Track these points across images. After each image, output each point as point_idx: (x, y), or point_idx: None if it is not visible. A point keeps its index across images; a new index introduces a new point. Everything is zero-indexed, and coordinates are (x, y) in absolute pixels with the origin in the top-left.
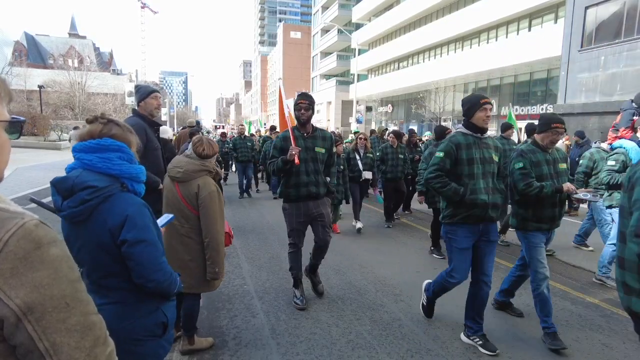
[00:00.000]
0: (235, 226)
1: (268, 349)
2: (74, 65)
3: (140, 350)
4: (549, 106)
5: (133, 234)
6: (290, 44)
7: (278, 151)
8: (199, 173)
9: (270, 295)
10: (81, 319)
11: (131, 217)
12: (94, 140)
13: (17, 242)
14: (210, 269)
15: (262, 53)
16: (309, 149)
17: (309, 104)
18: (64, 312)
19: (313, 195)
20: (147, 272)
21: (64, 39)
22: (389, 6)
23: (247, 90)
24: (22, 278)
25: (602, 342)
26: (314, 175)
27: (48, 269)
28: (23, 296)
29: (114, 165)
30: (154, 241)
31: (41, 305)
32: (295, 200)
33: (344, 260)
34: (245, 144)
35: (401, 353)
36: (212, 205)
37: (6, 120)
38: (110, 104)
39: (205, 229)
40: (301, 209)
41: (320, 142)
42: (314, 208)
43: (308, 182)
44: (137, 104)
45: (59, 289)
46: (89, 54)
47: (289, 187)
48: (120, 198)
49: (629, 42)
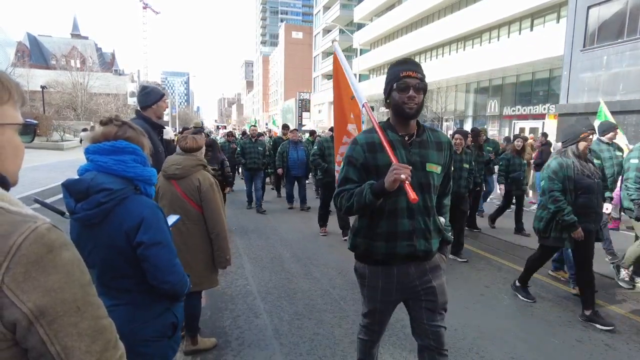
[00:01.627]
0: (238, 226)
1: (271, 349)
2: (77, 66)
3: (149, 351)
4: (551, 106)
5: (149, 236)
6: (291, 44)
7: (356, 171)
8: (196, 167)
9: (273, 295)
10: (92, 323)
11: (147, 219)
12: (109, 142)
13: (30, 246)
14: (222, 258)
15: (264, 53)
16: (417, 167)
17: (420, 80)
18: (75, 316)
19: (420, 255)
20: (162, 274)
21: (66, 39)
22: (391, 6)
23: (248, 91)
24: (34, 282)
25: (605, 343)
26: (423, 216)
27: (60, 272)
28: (35, 300)
29: (129, 168)
30: (169, 243)
31: (53, 309)
32: (385, 262)
33: (347, 260)
34: (256, 148)
35: (404, 354)
36: (215, 196)
37: (19, 123)
38: (112, 104)
39: (212, 220)
40: (394, 278)
41: (433, 154)
42: (418, 277)
43: (412, 231)
44: (146, 106)
45: (71, 292)
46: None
47: (373, 237)
48: (134, 200)
49: (631, 42)
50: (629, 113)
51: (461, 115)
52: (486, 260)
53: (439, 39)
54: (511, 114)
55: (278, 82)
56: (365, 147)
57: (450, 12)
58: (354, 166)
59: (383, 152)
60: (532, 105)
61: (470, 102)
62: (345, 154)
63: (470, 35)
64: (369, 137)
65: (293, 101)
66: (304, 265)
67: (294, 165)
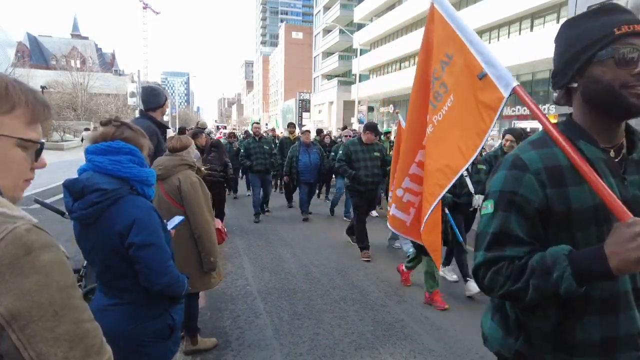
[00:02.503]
0: (238, 227)
1: (271, 349)
2: (77, 66)
3: (147, 352)
4: (551, 106)
5: (141, 237)
6: (291, 44)
7: (527, 222)
8: (178, 167)
9: (273, 295)
10: (71, 328)
11: (139, 220)
12: (106, 142)
13: (6, 247)
14: (206, 260)
15: (264, 53)
16: None
17: None
18: (52, 320)
19: None
20: (154, 275)
21: (67, 39)
22: (391, 6)
23: (248, 91)
24: (8, 285)
25: None
26: None
27: (37, 274)
28: (7, 304)
29: (124, 168)
30: (161, 245)
31: (27, 313)
32: None
33: (346, 261)
34: (262, 147)
35: (404, 354)
36: (196, 196)
37: (16, 137)
38: (112, 104)
39: (193, 220)
40: None
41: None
42: None
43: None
44: (157, 107)
45: (48, 295)
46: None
47: (571, 349)
48: (129, 201)
49: None
50: None
51: None
52: None
53: None
54: (511, 114)
55: (278, 82)
56: (544, 176)
57: None
58: (521, 213)
59: (579, 185)
60: None
61: None
62: (495, 186)
63: None
64: (547, 155)
65: (293, 101)
66: (303, 266)
67: (305, 170)
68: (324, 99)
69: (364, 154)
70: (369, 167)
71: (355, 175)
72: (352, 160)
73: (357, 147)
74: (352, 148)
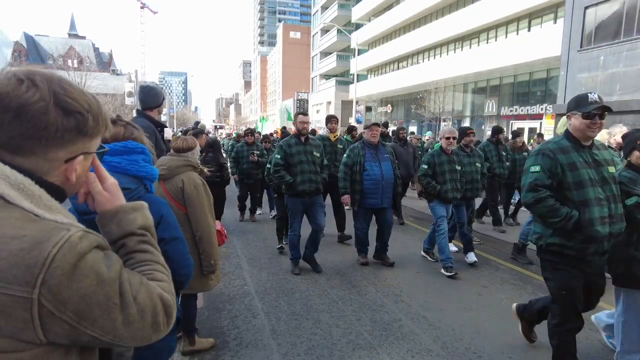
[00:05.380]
0: (236, 227)
1: (269, 350)
2: (74, 66)
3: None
4: (549, 106)
5: (169, 233)
6: (289, 44)
7: None
8: (182, 168)
9: (270, 295)
10: (133, 309)
11: (165, 216)
12: (120, 143)
13: (64, 257)
14: (206, 262)
15: (262, 53)
16: None
17: None
18: (115, 311)
19: None
20: (179, 267)
21: (64, 39)
22: (389, 6)
23: (246, 91)
24: (68, 291)
25: (602, 342)
26: None
27: (89, 277)
28: (72, 308)
29: (141, 167)
30: (183, 238)
31: (91, 312)
32: None
33: (344, 261)
34: (310, 154)
35: (402, 353)
36: (199, 198)
37: (103, 151)
38: (110, 104)
39: (195, 222)
40: None
41: None
42: None
43: None
44: (156, 106)
45: (104, 292)
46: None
47: None
48: (149, 199)
49: (628, 42)
50: (625, 113)
51: (459, 115)
52: (484, 260)
53: (436, 39)
54: (509, 114)
55: (276, 82)
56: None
57: (448, 12)
58: None
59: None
60: (530, 106)
61: (468, 102)
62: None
63: (468, 36)
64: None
65: (291, 101)
66: (301, 266)
67: (375, 189)
68: (322, 99)
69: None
70: None
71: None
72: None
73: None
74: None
